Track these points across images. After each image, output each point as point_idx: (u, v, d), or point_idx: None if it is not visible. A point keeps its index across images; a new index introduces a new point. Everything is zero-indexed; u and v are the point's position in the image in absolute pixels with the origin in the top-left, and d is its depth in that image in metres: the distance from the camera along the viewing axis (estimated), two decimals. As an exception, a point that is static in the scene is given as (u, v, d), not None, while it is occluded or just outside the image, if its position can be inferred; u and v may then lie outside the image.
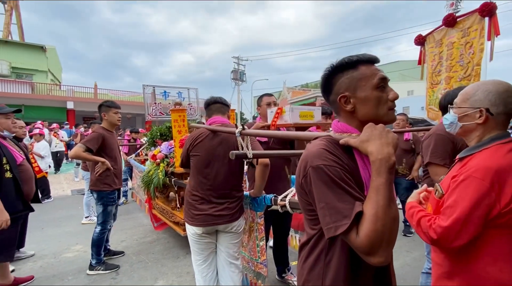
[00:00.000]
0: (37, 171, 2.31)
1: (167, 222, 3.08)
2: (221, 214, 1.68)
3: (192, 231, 1.72)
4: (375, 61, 0.79)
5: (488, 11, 2.40)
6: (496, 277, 0.87)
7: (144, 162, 4.60)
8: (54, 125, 9.20)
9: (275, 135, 1.43)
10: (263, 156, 1.64)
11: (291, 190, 1.75)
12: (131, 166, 4.99)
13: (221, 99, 1.89)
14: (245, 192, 1.89)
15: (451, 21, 2.75)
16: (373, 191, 0.64)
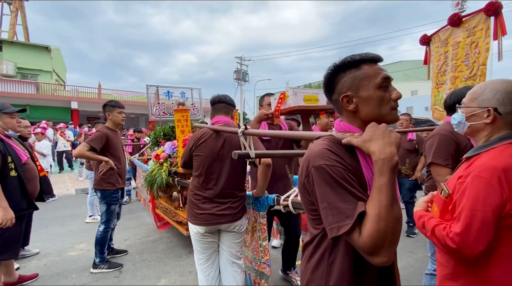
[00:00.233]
0: (39, 170, 2.35)
1: (170, 222, 3.09)
2: (223, 214, 1.69)
3: (194, 230, 1.73)
4: (378, 60, 0.78)
5: (493, 10, 2.37)
6: (502, 279, 0.86)
7: (147, 161, 4.62)
8: (61, 125, 9.29)
9: (278, 135, 1.43)
10: (265, 156, 1.64)
11: (293, 190, 1.74)
12: (134, 165, 5.02)
13: (226, 99, 1.85)
14: (248, 192, 1.89)
15: (456, 21, 2.72)
16: (375, 191, 0.64)
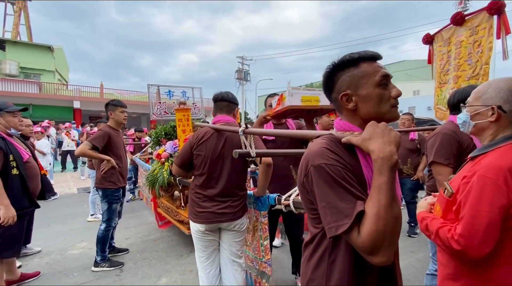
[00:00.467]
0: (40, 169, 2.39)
1: (171, 221, 3.10)
2: (224, 212, 1.69)
3: (195, 228, 1.74)
4: (377, 58, 0.77)
5: (496, 9, 2.36)
6: (506, 280, 0.85)
7: (148, 160, 4.63)
8: (66, 124, 9.34)
9: (278, 133, 1.43)
10: (266, 155, 1.63)
11: (294, 189, 1.74)
12: (135, 164, 5.03)
13: (228, 97, 1.82)
14: (249, 191, 1.89)
15: (459, 20, 2.70)
16: (375, 190, 0.63)
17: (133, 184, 5.51)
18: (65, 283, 2.47)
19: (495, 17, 2.39)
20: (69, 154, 8.64)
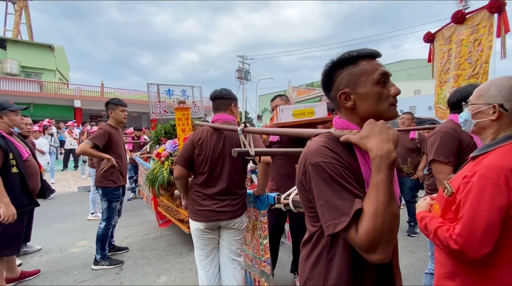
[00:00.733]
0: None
1: (171, 219, 3.10)
2: (223, 210, 1.69)
3: (195, 226, 1.74)
4: (376, 56, 0.77)
5: (496, 7, 2.35)
6: (502, 280, 0.84)
7: (147, 159, 4.64)
8: (69, 123, 9.36)
9: (276, 132, 1.43)
10: (265, 154, 1.63)
11: (294, 188, 1.74)
12: (135, 163, 5.04)
13: (221, 94, 1.80)
14: (249, 190, 1.89)
15: (460, 18, 2.70)
16: (373, 188, 0.63)
17: (135, 182, 5.52)
18: (65, 281, 2.47)
19: (496, 15, 2.38)
20: (71, 153, 8.66)
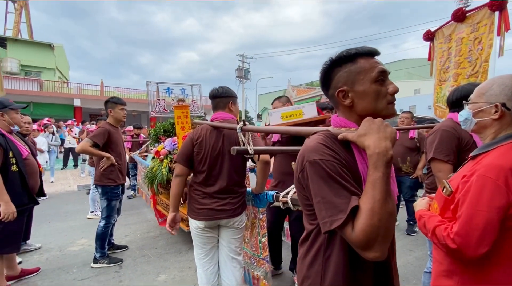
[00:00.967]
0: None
1: (170, 218, 3.10)
2: (223, 209, 1.69)
3: (194, 225, 1.74)
4: (375, 54, 0.76)
5: (497, 5, 2.33)
6: (499, 280, 0.84)
7: (145, 157, 4.64)
8: (69, 122, 9.35)
9: (275, 131, 1.43)
10: (264, 152, 1.63)
11: (292, 186, 1.74)
12: (134, 161, 5.04)
13: (218, 92, 1.79)
14: (248, 188, 1.89)
15: (460, 16, 2.68)
16: (369, 185, 0.63)
17: (136, 180, 5.51)
18: (64, 279, 2.48)
19: (497, 13, 2.37)
20: (70, 152, 8.65)
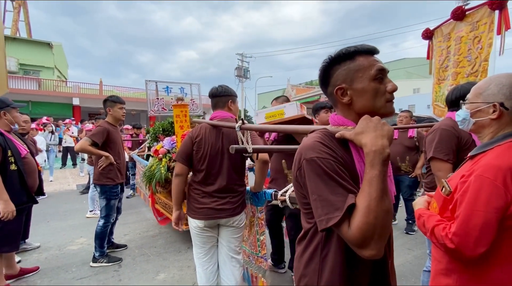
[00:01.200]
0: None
1: (169, 217, 3.10)
2: (223, 208, 1.68)
3: (194, 224, 1.73)
4: (374, 52, 0.76)
5: (498, 4, 2.32)
6: (497, 279, 0.84)
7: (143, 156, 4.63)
8: (67, 120, 9.31)
9: (273, 129, 1.42)
10: (262, 151, 1.63)
11: (291, 185, 1.74)
12: (134, 160, 5.04)
13: (218, 91, 1.79)
14: (246, 187, 1.89)
15: (459, 14, 2.67)
16: (366, 183, 0.63)
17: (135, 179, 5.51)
18: (63, 278, 2.48)
19: (497, 12, 2.36)
20: (68, 151, 8.62)
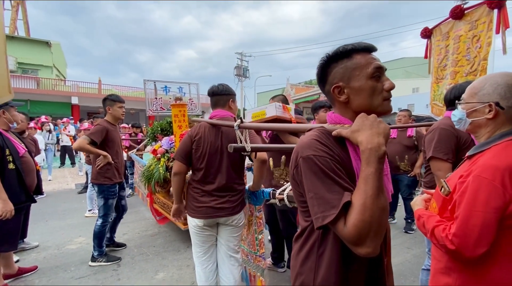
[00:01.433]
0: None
1: (168, 216, 3.10)
2: (222, 207, 1.68)
3: (193, 223, 1.73)
4: (371, 50, 0.76)
5: (496, 3, 2.32)
6: (501, 278, 0.84)
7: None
8: (64, 119, 9.29)
9: (272, 128, 1.42)
10: (261, 149, 1.63)
11: (289, 183, 1.74)
12: (132, 160, 5.04)
13: (218, 90, 1.79)
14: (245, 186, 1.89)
15: (458, 13, 2.66)
16: (362, 181, 0.63)
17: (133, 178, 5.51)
18: (62, 278, 2.47)
19: (495, 11, 2.36)
20: (65, 150, 8.58)
